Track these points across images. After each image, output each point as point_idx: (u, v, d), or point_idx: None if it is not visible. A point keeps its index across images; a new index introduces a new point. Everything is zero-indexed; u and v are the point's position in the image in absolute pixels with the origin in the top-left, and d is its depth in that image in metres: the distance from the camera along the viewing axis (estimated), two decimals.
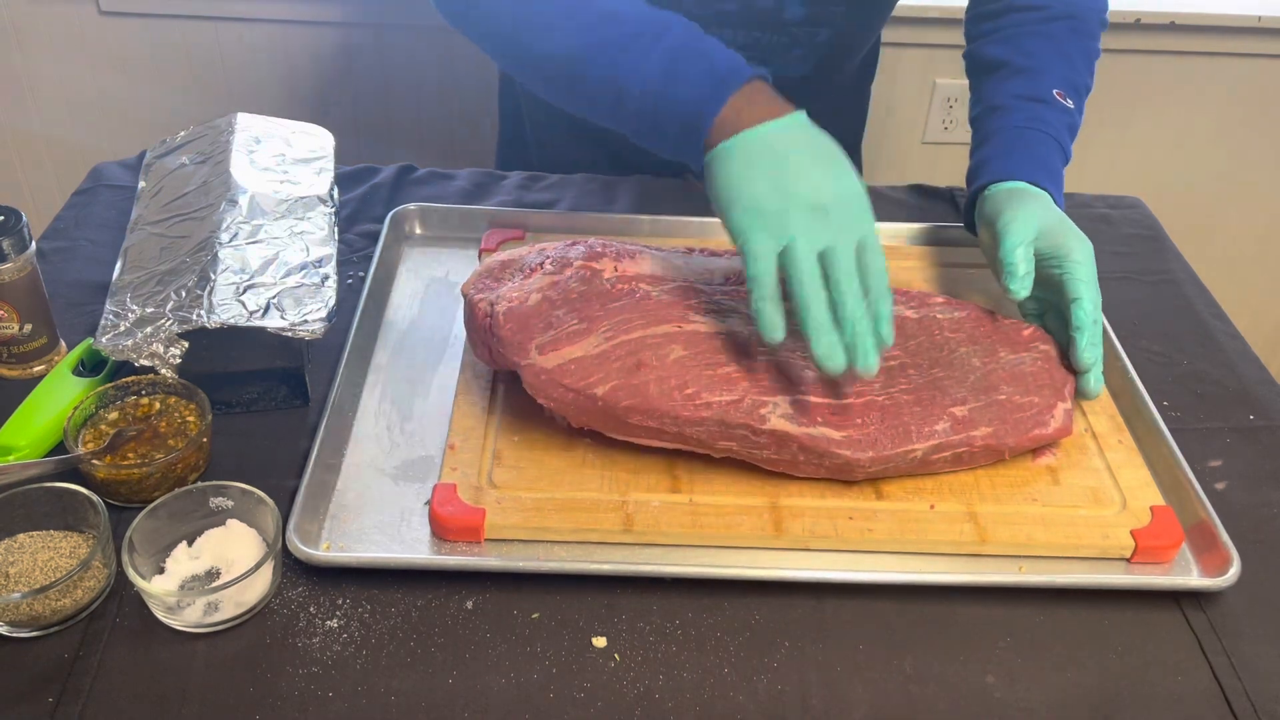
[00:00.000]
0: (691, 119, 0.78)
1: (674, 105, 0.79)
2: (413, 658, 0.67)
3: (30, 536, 0.70)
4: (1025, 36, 1.00)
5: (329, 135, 1.05)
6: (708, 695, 0.66)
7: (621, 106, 0.81)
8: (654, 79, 0.79)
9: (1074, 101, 0.96)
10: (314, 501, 0.74)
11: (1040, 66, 0.97)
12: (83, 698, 0.64)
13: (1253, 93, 1.76)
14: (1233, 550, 0.73)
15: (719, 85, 0.78)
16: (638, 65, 0.80)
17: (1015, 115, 0.95)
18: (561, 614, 0.70)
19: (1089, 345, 0.80)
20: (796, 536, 0.73)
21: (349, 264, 0.99)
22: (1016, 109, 0.95)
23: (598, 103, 0.83)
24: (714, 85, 0.78)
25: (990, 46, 1.02)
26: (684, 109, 0.78)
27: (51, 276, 0.93)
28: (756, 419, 0.74)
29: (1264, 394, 0.91)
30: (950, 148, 1.80)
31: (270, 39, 1.67)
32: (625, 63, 0.80)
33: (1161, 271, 1.06)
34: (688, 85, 0.78)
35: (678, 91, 0.79)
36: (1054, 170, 0.92)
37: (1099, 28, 1.03)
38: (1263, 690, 0.68)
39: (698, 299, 0.80)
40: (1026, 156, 0.92)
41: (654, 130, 0.81)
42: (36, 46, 1.68)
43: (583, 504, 0.74)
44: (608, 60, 0.81)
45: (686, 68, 0.79)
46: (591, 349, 0.76)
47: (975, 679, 0.68)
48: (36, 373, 0.85)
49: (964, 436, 0.76)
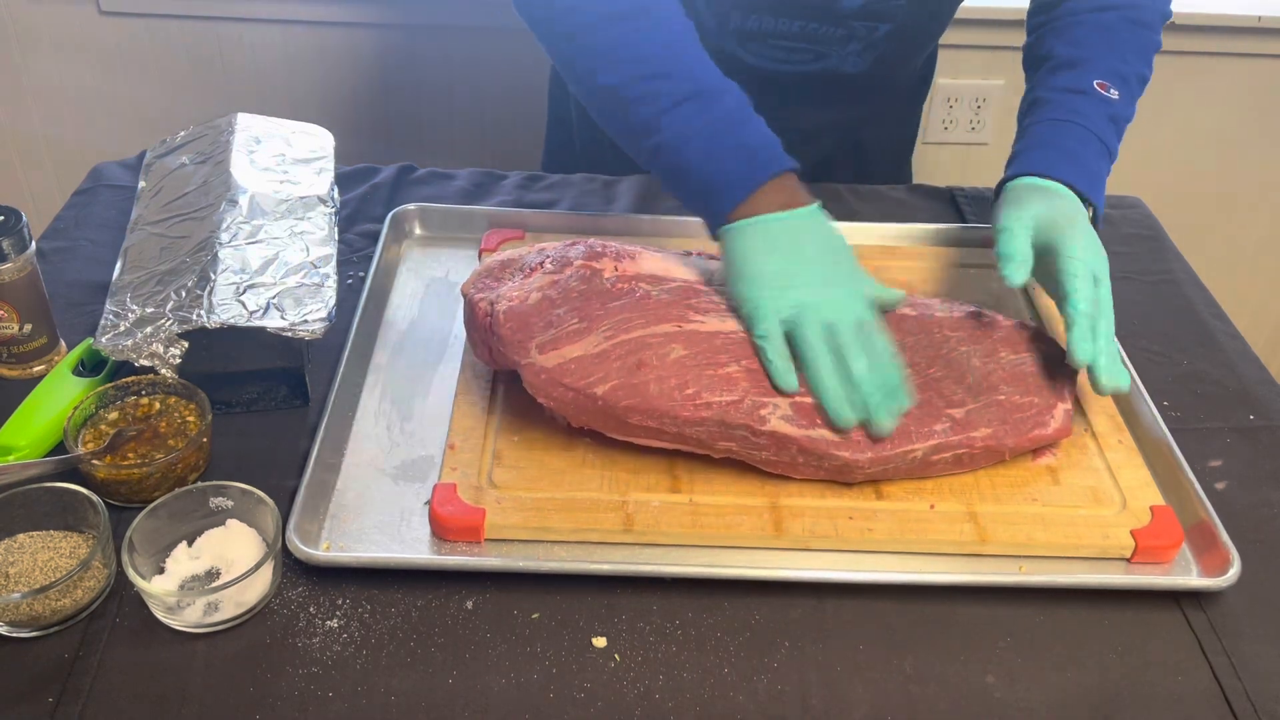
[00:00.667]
0: (719, 192, 0.82)
1: (706, 177, 0.82)
2: (413, 658, 0.67)
3: (30, 536, 0.70)
4: (1076, 26, 0.99)
5: (329, 135, 1.05)
6: (708, 695, 0.66)
7: (656, 159, 0.84)
8: (694, 147, 0.82)
9: (1120, 92, 0.95)
10: (314, 501, 0.74)
11: (1085, 57, 0.96)
12: (83, 698, 0.64)
13: (1253, 93, 1.76)
14: (1233, 550, 0.73)
15: (754, 170, 0.81)
16: (681, 129, 0.82)
17: (1050, 109, 0.94)
18: (561, 614, 0.70)
19: (1079, 340, 0.79)
20: (796, 536, 0.73)
21: (349, 264, 0.99)
22: (1054, 102, 0.94)
23: (638, 145, 0.86)
24: (749, 169, 0.81)
25: (1042, 39, 1.01)
26: (715, 183, 0.82)
27: (51, 276, 0.93)
28: (756, 419, 0.74)
29: (1264, 394, 0.91)
30: (950, 148, 1.80)
31: (270, 39, 1.67)
32: (670, 124, 0.83)
33: (1161, 271, 1.06)
34: (724, 162, 0.82)
35: (713, 166, 0.82)
36: (1083, 163, 0.91)
37: (1159, 19, 1.01)
38: (1263, 690, 0.68)
39: (698, 299, 0.80)
40: (1052, 152, 0.91)
41: (680, 188, 0.85)
42: (36, 46, 1.68)
43: (583, 504, 0.74)
44: (654, 109, 0.83)
45: (727, 144, 0.82)
46: (592, 348, 0.76)
47: (975, 679, 0.68)
48: (36, 373, 0.85)
49: (963, 437, 0.76)
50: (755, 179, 0.81)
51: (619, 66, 0.85)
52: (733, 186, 0.81)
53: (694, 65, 0.85)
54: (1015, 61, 1.07)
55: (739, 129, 0.83)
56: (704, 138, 0.82)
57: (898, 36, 1.07)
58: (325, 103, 1.72)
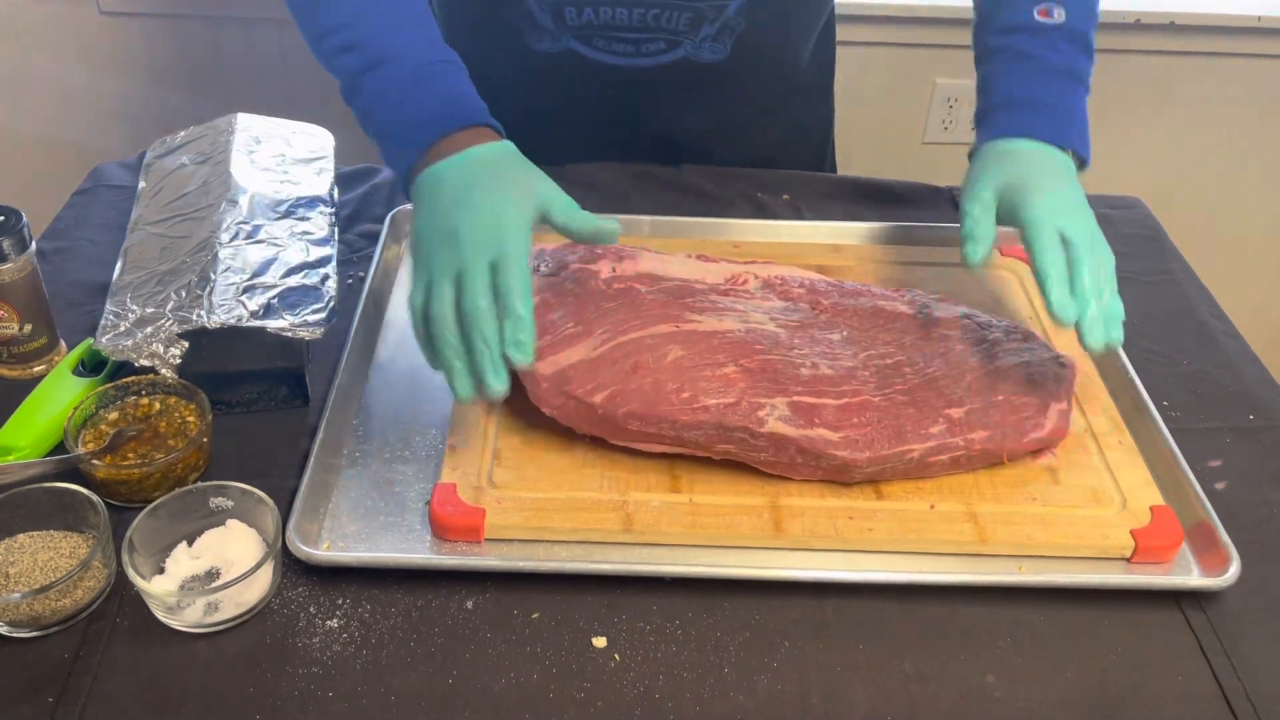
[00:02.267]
0: (398, 152, 0.78)
1: (390, 141, 0.79)
2: (413, 658, 0.67)
3: (30, 536, 0.70)
4: None
5: (329, 135, 1.05)
6: (708, 695, 0.66)
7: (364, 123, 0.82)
8: (379, 114, 0.80)
9: (1064, 9, 0.89)
10: (314, 501, 0.74)
11: None
12: (83, 698, 0.64)
13: (1253, 93, 1.76)
14: (1232, 550, 0.73)
15: (432, 126, 0.77)
16: (370, 97, 0.81)
17: (1002, 57, 0.90)
18: (561, 614, 0.70)
19: (1053, 299, 0.76)
20: (796, 536, 0.73)
21: (349, 264, 0.99)
22: (1004, 49, 0.90)
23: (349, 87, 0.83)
24: (426, 128, 0.77)
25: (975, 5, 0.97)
26: (394, 143, 0.79)
27: (51, 276, 0.93)
28: (755, 421, 0.74)
29: (1264, 394, 0.91)
30: (950, 148, 1.80)
31: (270, 39, 1.67)
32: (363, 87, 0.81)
33: (1161, 271, 1.06)
34: (399, 124, 0.79)
35: (392, 130, 0.79)
36: (1046, 107, 0.86)
37: None
38: (1263, 690, 0.68)
39: (694, 298, 0.80)
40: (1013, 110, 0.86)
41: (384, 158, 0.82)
42: (36, 46, 1.68)
43: (583, 504, 0.74)
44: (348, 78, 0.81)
45: (407, 106, 0.79)
46: (589, 352, 0.76)
47: (975, 679, 0.68)
48: (36, 373, 0.85)
49: (961, 439, 0.76)
50: (433, 133, 0.77)
51: (316, 34, 0.84)
52: (406, 146, 0.78)
53: (380, 30, 0.82)
54: None
55: (416, 88, 0.80)
56: (385, 104, 0.79)
57: (753, 12, 1.01)
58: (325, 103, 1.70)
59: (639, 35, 0.95)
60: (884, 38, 1.69)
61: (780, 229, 1.04)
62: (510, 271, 0.70)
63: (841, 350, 0.81)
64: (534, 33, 1.00)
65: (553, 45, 0.85)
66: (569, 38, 1.01)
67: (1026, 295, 0.98)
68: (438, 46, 0.82)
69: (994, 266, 1.01)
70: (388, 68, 0.80)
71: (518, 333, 0.69)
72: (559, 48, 0.88)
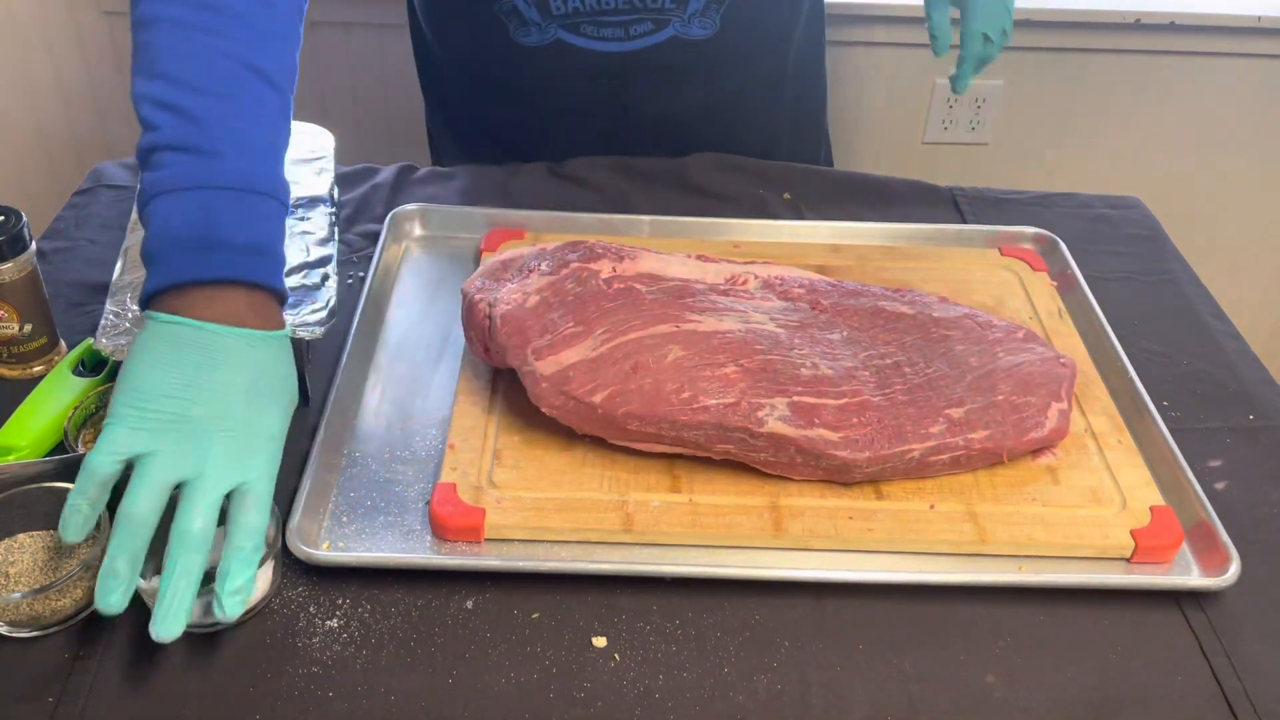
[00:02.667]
0: (158, 261, 0.67)
1: (159, 235, 0.67)
2: (413, 658, 0.67)
3: (30, 536, 0.70)
4: None
5: (329, 135, 1.05)
6: (708, 695, 0.66)
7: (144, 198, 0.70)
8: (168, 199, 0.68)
9: None
10: (314, 501, 0.74)
11: None
12: (83, 698, 0.64)
13: (1253, 93, 1.76)
14: (1232, 550, 0.73)
15: (209, 259, 0.66)
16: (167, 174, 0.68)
17: None
18: (561, 614, 0.70)
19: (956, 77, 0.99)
20: (796, 536, 0.73)
21: (349, 264, 0.99)
22: None
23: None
24: (204, 254, 0.66)
25: None
26: (162, 245, 0.67)
27: (51, 276, 0.93)
28: (754, 421, 0.74)
29: (1264, 394, 0.91)
30: (950, 148, 1.80)
31: None
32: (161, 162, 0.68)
33: (1161, 271, 1.06)
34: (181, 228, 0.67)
35: (170, 224, 0.67)
36: None
37: None
38: (1263, 690, 0.68)
39: (694, 298, 0.80)
40: None
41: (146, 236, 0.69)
42: (36, 46, 1.68)
43: (583, 504, 0.74)
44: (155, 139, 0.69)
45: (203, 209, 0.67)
46: (589, 352, 0.76)
47: (975, 679, 0.68)
48: (36, 373, 0.85)
49: (961, 439, 0.76)
50: (203, 270, 0.65)
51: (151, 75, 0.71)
52: (173, 262, 0.66)
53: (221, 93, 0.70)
54: (1015, 62, 1.07)
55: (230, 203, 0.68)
56: (184, 194, 0.67)
57: None
58: (325, 103, 1.72)
59: (626, 18, 0.95)
60: (883, 38, 1.69)
61: (780, 229, 1.04)
62: (257, 510, 0.65)
63: (841, 350, 0.81)
64: (520, 28, 0.99)
65: (540, 38, 0.85)
66: (556, 28, 1.01)
67: (1026, 295, 0.98)
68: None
69: (994, 266, 1.01)
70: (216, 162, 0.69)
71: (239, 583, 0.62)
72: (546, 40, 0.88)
